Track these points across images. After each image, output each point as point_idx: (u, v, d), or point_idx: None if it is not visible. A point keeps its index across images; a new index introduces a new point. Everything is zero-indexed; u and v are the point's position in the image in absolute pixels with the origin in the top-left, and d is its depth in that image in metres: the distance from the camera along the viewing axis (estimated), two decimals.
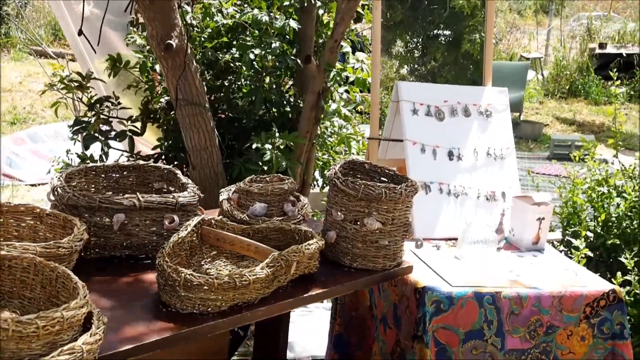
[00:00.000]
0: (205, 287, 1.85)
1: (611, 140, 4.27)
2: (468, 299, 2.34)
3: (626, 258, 3.53)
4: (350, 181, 2.21)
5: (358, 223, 2.22)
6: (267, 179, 2.52)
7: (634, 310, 3.46)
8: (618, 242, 3.84)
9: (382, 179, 2.44)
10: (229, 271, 2.18)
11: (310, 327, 3.59)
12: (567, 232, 4.04)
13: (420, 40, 3.50)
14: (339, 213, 2.24)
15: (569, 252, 4.03)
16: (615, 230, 3.92)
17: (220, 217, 2.27)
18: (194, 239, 2.14)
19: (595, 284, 2.55)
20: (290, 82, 4.28)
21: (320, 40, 4.16)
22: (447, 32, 3.52)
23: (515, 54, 12.92)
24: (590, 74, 11.59)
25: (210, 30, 3.98)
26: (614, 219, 3.92)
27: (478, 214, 2.92)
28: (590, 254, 3.68)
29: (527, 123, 9.15)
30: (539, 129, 8.95)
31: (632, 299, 3.47)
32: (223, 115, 4.19)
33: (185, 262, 2.11)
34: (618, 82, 10.66)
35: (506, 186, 3.05)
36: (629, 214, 3.91)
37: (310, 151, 4.05)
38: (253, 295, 1.95)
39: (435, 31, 3.49)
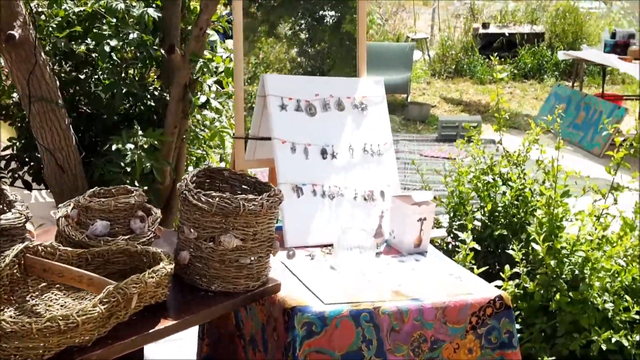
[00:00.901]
0: (21, 334, 1.53)
1: (495, 126, 4.15)
2: (343, 318, 2.10)
3: (514, 250, 3.41)
4: (202, 194, 1.92)
5: (214, 241, 1.94)
6: (113, 191, 2.20)
7: (523, 304, 3.35)
8: (505, 233, 3.74)
9: (244, 187, 2.16)
10: (62, 305, 1.86)
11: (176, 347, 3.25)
12: (454, 223, 3.91)
13: (307, 21, 3.24)
14: (192, 230, 1.95)
15: (456, 246, 3.91)
16: (502, 220, 3.82)
17: (51, 241, 1.94)
18: (16, 271, 1.80)
19: (481, 291, 2.37)
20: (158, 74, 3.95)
21: (190, 28, 3.84)
22: (332, 13, 3.27)
23: (402, 35, 12.89)
24: (475, 54, 11.70)
25: (60, 19, 3.58)
26: (500, 208, 3.81)
27: (355, 216, 2.69)
28: (477, 246, 3.55)
29: (415, 105, 9.08)
30: (427, 110, 8.89)
31: (521, 291, 3.36)
32: (82, 111, 3.82)
33: (5, 299, 1.77)
34: (500, 67, 10.77)
35: (385, 184, 2.83)
36: (515, 202, 3.80)
37: (180, 147, 3.74)
38: (86, 337, 1.64)
39: (321, 12, 3.23)
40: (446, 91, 10.66)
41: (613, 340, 3.22)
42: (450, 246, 3.89)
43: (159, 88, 3.69)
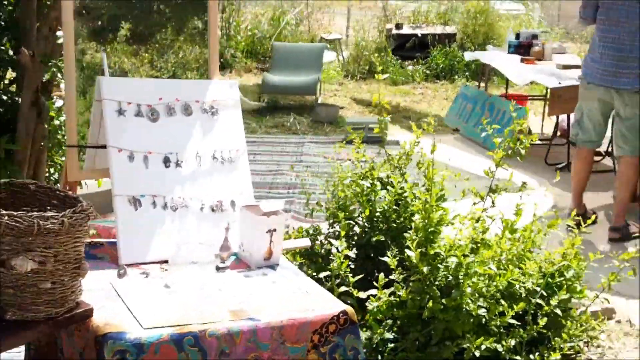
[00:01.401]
0: None
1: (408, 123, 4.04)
2: (163, 344, 1.93)
3: (389, 256, 3.30)
4: None
5: (4, 265, 1.74)
6: None
7: (400, 312, 3.24)
8: (383, 239, 3.63)
9: (54, 202, 1.96)
10: None
11: None
12: (333, 230, 3.78)
13: (150, 20, 3.05)
14: None
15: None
16: (381, 226, 3.71)
17: None
18: None
19: (325, 306, 2.24)
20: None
21: None
22: (181, 12, 3.09)
23: (317, 36, 12.79)
24: (388, 54, 11.68)
25: None
26: (378, 213, 3.70)
27: (202, 229, 2.53)
28: (352, 254, 3.43)
29: (323, 106, 8.96)
30: (335, 112, 8.79)
31: (396, 299, 3.25)
32: None
33: None
34: (411, 66, 10.73)
35: (236, 193, 2.67)
36: (395, 207, 3.69)
37: (39, 155, 3.49)
38: None
39: (167, 11, 3.04)
40: (358, 92, 10.60)
41: (486, 346, 3.15)
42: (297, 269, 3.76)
43: (10, 93, 3.43)
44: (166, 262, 2.35)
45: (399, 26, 12.12)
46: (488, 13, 12.03)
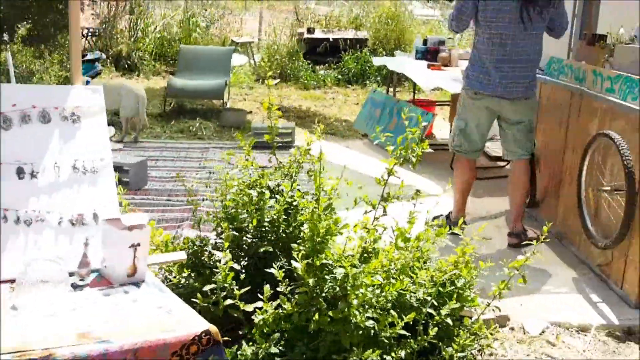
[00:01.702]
0: None
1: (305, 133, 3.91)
2: None
3: (275, 268, 3.18)
4: None
5: None
6: None
7: (287, 325, 3.12)
8: (271, 249, 3.51)
9: None
10: None
11: None
12: (220, 241, 3.63)
13: None
14: None
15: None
16: (270, 236, 3.58)
17: None
18: None
19: (187, 326, 2.08)
20: None
21: None
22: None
23: (228, 39, 12.61)
24: (299, 59, 11.61)
25: None
26: (267, 223, 3.57)
27: (60, 244, 2.34)
28: (236, 265, 3.29)
29: (230, 111, 8.80)
30: (242, 117, 8.63)
31: (283, 312, 3.13)
32: None
33: None
34: (323, 71, 10.65)
35: (100, 206, 2.49)
36: (285, 217, 3.57)
37: None
38: None
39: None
40: (267, 96, 10.47)
41: (373, 358, 3.06)
42: (164, 285, 3.61)
43: None
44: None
45: (310, 30, 12.07)
46: (399, 18, 12.12)
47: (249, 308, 3.13)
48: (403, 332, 3.11)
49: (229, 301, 3.15)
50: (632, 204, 3.98)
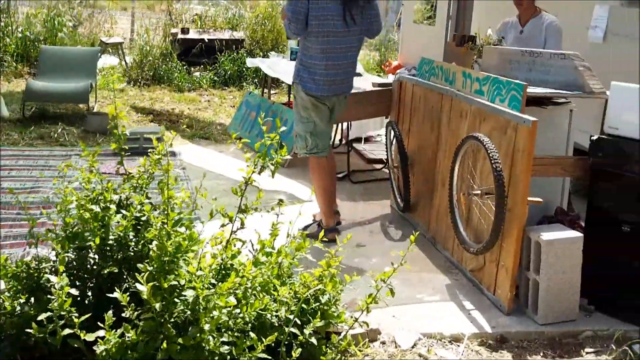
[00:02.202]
0: None
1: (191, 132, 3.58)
2: None
3: (118, 291, 2.84)
4: None
5: None
6: None
7: (133, 354, 2.79)
8: (117, 271, 3.16)
9: None
10: None
11: None
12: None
13: None
14: None
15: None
16: (116, 255, 3.23)
17: None
18: None
19: None
20: None
21: None
22: None
23: (98, 39, 11.99)
24: (173, 60, 11.16)
25: None
26: (112, 241, 3.21)
27: None
28: (74, 291, 2.93)
29: (95, 115, 8.25)
30: (106, 121, 8.11)
31: (129, 341, 2.79)
32: None
33: None
34: (198, 73, 10.21)
35: None
36: (132, 234, 3.23)
37: None
38: None
39: None
40: (139, 99, 9.99)
41: None
42: None
43: None
44: None
45: (185, 31, 11.64)
46: (276, 19, 11.88)
47: (90, 337, 2.78)
48: (264, 355, 2.86)
49: (67, 330, 2.80)
50: (502, 207, 3.88)
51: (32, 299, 3.10)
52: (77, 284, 3.13)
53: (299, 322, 3.05)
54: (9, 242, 4.76)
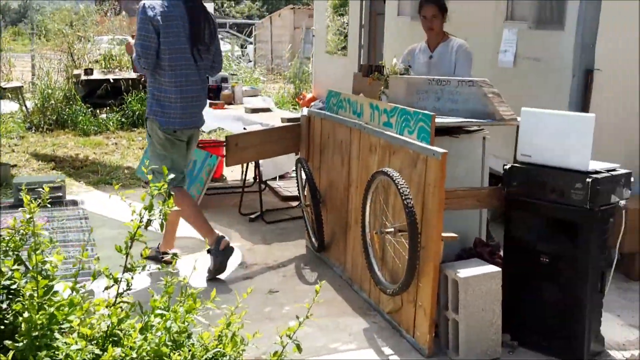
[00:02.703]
0: None
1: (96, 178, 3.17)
2: None
3: None
4: None
5: None
6: None
7: None
8: None
9: None
10: None
11: None
12: None
13: None
14: None
15: None
16: None
17: None
18: None
19: None
20: None
21: None
22: None
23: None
24: (77, 103, 10.67)
25: None
26: None
27: None
28: None
29: None
30: (6, 171, 7.59)
31: None
32: None
33: None
34: (105, 114, 9.74)
35: None
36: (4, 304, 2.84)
37: None
38: None
39: None
40: (41, 146, 9.46)
41: None
42: None
43: None
44: None
45: (88, 71, 11.16)
46: None
47: None
48: None
49: None
50: (415, 245, 3.66)
51: None
52: None
53: None
54: None
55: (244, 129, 6.10)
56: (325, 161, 5.17)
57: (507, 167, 3.92)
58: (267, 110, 7.01)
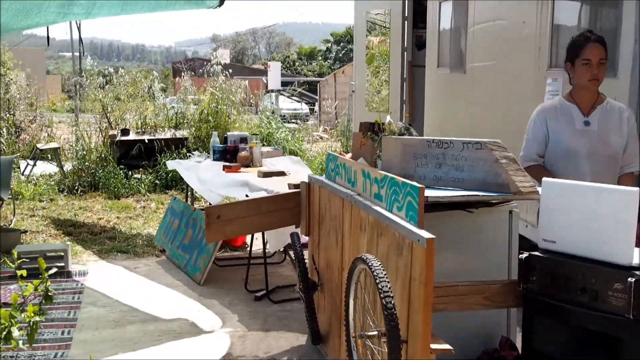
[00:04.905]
0: None
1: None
2: None
3: None
4: None
5: None
6: None
7: None
8: None
9: None
10: None
11: None
12: None
13: None
14: None
15: None
16: None
17: None
18: None
19: None
20: None
21: None
22: None
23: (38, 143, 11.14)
24: (111, 164, 10.24)
25: None
26: None
27: None
28: None
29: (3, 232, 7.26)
30: (15, 239, 7.11)
31: None
32: None
33: None
34: (138, 175, 9.19)
35: None
36: None
37: None
38: None
39: None
40: (67, 209, 9.01)
41: None
42: None
43: None
44: None
45: (125, 132, 10.77)
46: (219, 115, 11.03)
47: None
48: None
49: None
50: (395, 356, 2.79)
51: None
52: None
53: None
54: None
55: (246, 195, 5.37)
56: (322, 237, 4.37)
57: (523, 256, 3.03)
58: (282, 174, 6.28)
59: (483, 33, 6.30)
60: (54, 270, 2.76)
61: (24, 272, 2.60)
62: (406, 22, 8.31)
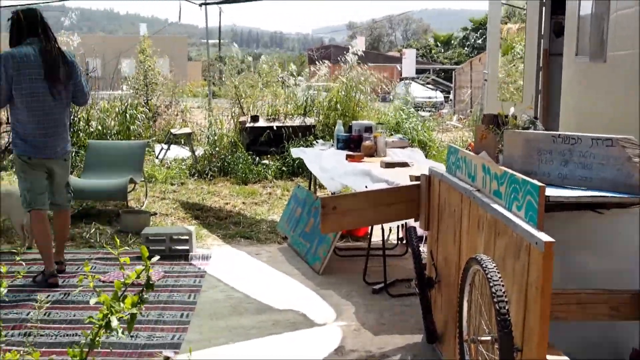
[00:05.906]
0: None
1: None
2: None
3: None
4: None
5: None
6: None
7: None
8: None
9: None
10: None
11: None
12: None
13: None
14: None
15: None
16: None
17: None
18: None
19: None
20: None
21: None
22: None
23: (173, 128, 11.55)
24: (240, 150, 10.45)
25: None
26: None
27: None
28: None
29: (130, 214, 7.55)
30: (145, 220, 7.38)
31: None
32: None
33: None
34: (267, 161, 9.26)
35: None
36: None
37: None
38: None
39: None
40: (196, 193, 9.28)
41: None
42: None
43: None
44: None
45: (254, 118, 10.95)
46: (348, 103, 10.96)
47: None
48: None
49: None
50: None
51: None
52: None
53: None
54: None
55: (365, 187, 5.28)
56: (442, 232, 4.21)
57: None
58: (405, 165, 6.13)
59: (626, 19, 5.85)
60: (156, 258, 2.78)
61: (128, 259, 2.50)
62: (544, 7, 7.89)
